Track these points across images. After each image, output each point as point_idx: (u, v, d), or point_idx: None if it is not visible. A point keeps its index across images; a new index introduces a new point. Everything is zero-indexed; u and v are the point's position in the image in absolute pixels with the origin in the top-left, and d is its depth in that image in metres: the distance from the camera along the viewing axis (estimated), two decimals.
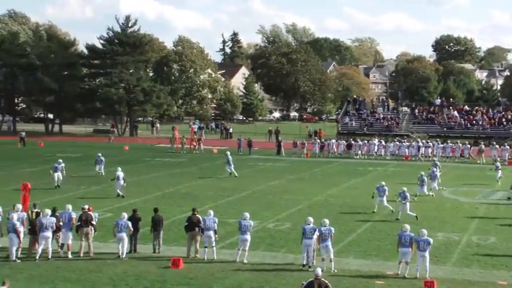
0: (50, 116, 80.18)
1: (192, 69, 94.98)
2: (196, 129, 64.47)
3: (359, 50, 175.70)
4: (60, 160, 34.22)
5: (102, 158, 37.57)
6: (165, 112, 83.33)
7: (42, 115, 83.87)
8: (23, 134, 58.69)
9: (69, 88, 74.64)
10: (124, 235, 19.88)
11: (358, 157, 51.47)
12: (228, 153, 40.00)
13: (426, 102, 76.56)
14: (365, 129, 64.63)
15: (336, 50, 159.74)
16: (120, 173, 30.66)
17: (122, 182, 30.37)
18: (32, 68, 74.42)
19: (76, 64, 76.63)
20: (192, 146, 55.05)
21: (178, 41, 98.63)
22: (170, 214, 25.52)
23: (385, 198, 27.50)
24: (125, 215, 20.29)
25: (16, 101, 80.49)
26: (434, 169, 34.79)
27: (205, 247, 19.94)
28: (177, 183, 35.16)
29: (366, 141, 54.60)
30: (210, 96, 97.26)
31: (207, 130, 77.91)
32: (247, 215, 20.19)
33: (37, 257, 19.31)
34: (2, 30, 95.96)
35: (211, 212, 20.56)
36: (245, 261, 19.61)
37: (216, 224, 20.14)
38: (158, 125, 79.54)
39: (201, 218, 20.31)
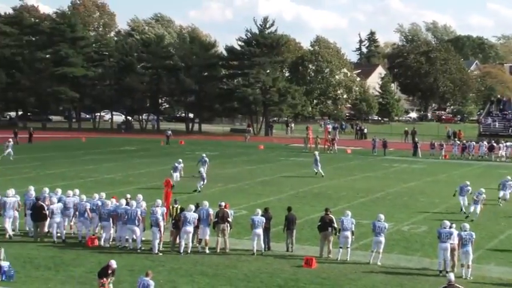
0: (191, 115, 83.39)
1: (327, 69, 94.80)
2: (330, 129, 64.28)
3: (505, 47, 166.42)
4: (180, 160, 35.06)
5: (206, 158, 36.62)
6: (299, 112, 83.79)
7: (184, 114, 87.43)
8: (169, 132, 61.26)
9: (208, 88, 77.19)
10: (261, 231, 20.27)
11: (504, 159, 48.97)
12: (317, 153, 39.92)
13: None
14: (510, 130, 61.27)
15: (479, 48, 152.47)
16: (204, 174, 32.03)
17: (203, 182, 31.59)
18: (175, 69, 77.80)
19: (216, 65, 79.00)
20: (326, 146, 55.04)
21: (316, 41, 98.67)
22: (303, 213, 25.66)
23: (466, 198, 26.82)
24: (259, 211, 20.66)
25: (160, 101, 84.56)
26: None
27: (340, 247, 19.89)
28: (310, 183, 35.29)
29: (509, 143, 51.81)
30: (345, 96, 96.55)
31: (341, 130, 77.43)
32: (382, 216, 19.88)
33: (181, 251, 20.13)
34: (149, 33, 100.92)
35: (349, 213, 20.42)
36: (379, 263, 19.31)
37: (353, 225, 20.04)
38: (293, 125, 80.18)
39: (334, 218, 20.26)
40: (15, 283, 16.55)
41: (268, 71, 75.88)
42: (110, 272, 15.13)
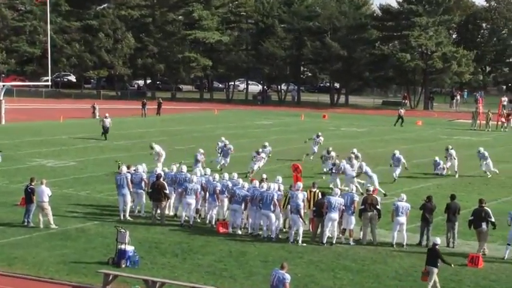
0: (336, 85, 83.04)
1: (505, 30, 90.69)
2: (505, 103, 61.61)
3: None
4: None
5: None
6: (467, 81, 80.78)
7: (328, 84, 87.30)
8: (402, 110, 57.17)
9: (358, 54, 76.35)
10: (404, 219, 20.16)
11: None
12: (481, 149, 33.22)
13: None
14: None
15: None
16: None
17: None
18: (320, 32, 77.55)
19: (367, 27, 77.82)
20: (499, 123, 53.17)
21: None
22: (469, 203, 24.83)
23: None
24: (404, 197, 20.63)
25: (302, 68, 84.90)
26: None
27: (509, 244, 19.32)
28: (478, 167, 33.98)
29: None
30: None
31: None
32: None
33: (323, 241, 20.28)
34: None
35: None
36: None
37: None
38: (458, 97, 77.60)
39: (490, 211, 19.72)
40: (140, 270, 17.40)
41: (431, 33, 73.60)
42: None
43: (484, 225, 19.49)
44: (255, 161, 30.53)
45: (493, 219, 19.64)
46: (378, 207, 20.66)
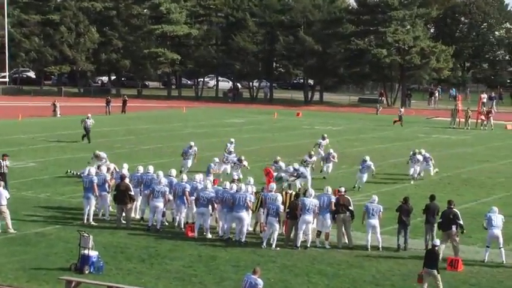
0: (310, 81, 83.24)
1: (484, 24, 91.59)
2: (485, 100, 62.27)
3: None
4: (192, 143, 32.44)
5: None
6: (444, 78, 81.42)
7: (302, 81, 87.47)
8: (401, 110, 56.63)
9: (333, 49, 76.54)
10: (376, 222, 20.26)
11: None
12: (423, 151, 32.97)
13: None
14: None
15: None
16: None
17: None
18: (293, 26, 77.61)
19: (342, 21, 78.00)
20: (479, 120, 53.62)
21: None
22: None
23: None
24: (376, 198, 20.69)
25: (274, 64, 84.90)
26: None
27: (487, 247, 19.52)
28: (457, 166, 34.52)
29: None
30: (506, 57, 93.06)
31: (500, 101, 74.69)
32: (496, 208, 19.67)
33: (297, 244, 20.30)
34: None
35: (496, 209, 19.91)
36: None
37: (502, 222, 19.59)
38: (437, 94, 78.22)
39: (459, 213, 19.80)
40: (104, 276, 17.28)
41: (408, 27, 74.05)
42: None
43: (453, 227, 19.51)
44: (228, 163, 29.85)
45: (461, 222, 19.72)
46: (351, 208, 20.72)
